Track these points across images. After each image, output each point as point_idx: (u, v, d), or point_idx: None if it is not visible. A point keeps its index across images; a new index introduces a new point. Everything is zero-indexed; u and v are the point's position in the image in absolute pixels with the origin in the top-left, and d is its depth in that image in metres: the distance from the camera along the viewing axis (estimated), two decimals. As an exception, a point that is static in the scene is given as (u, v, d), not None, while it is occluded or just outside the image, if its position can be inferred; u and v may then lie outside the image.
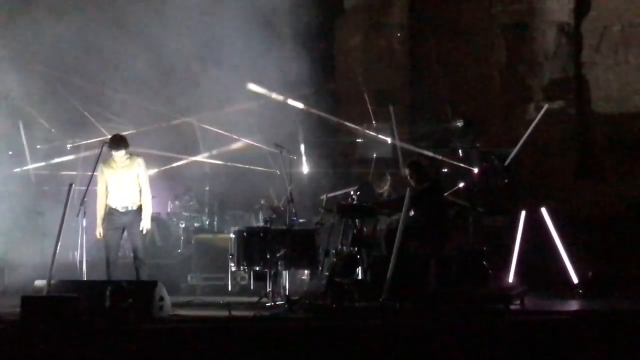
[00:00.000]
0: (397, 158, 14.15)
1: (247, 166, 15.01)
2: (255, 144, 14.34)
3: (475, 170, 13.48)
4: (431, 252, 10.60)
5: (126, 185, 10.58)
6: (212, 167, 14.84)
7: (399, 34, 15.68)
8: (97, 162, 10.58)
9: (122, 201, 10.57)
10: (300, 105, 14.79)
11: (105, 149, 10.60)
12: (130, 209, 10.58)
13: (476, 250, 11.41)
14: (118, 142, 10.58)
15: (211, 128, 14.51)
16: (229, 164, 15.03)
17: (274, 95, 14.65)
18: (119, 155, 10.50)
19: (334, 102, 15.81)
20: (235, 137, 14.75)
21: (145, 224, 10.58)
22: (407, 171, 11.02)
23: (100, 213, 10.57)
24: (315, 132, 15.43)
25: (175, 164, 14.61)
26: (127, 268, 10.88)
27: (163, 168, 14.32)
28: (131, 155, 10.66)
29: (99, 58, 14.33)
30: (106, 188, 10.60)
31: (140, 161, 10.69)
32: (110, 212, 10.59)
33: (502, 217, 13.15)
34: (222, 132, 14.44)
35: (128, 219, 10.56)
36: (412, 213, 10.56)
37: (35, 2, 14.10)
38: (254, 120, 14.73)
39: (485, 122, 14.93)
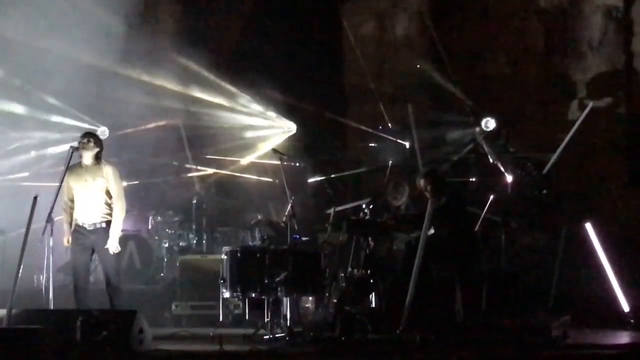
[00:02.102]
0: (417, 165, 14.15)
1: (241, 175, 15.05)
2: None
3: (509, 179, 13.48)
4: (457, 275, 10.60)
5: (92, 196, 10.58)
6: (200, 176, 14.86)
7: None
8: (65, 170, 10.61)
9: (89, 216, 10.57)
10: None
11: (75, 154, 10.62)
12: (98, 226, 10.58)
13: (510, 273, 11.38)
14: (87, 136, 10.68)
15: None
16: (220, 172, 15.07)
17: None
18: (87, 155, 10.54)
19: (342, 100, 15.83)
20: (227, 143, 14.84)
21: (112, 244, 10.53)
22: (422, 182, 11.02)
23: (67, 225, 10.60)
24: (320, 136, 15.46)
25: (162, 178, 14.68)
26: (101, 295, 10.89)
27: (143, 181, 14.37)
28: (101, 161, 10.69)
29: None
30: (72, 201, 10.64)
31: (109, 169, 10.68)
32: (77, 230, 10.60)
33: (540, 234, 13.15)
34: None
35: (96, 238, 10.57)
36: (431, 231, 10.56)
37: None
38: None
39: (519, 122, 14.93)
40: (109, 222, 10.59)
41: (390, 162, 14.06)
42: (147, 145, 14.65)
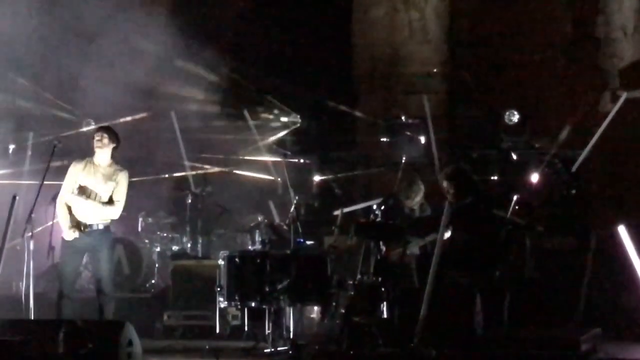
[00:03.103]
0: (433, 162, 14.15)
1: (240, 172, 15.06)
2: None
3: (534, 177, 13.47)
4: (477, 283, 10.60)
5: (97, 196, 10.62)
6: (195, 173, 14.88)
7: None
8: (47, 167, 10.63)
9: (88, 218, 10.61)
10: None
11: (59, 147, 10.64)
12: (96, 227, 10.62)
13: (535, 281, 11.37)
14: (101, 131, 10.69)
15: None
16: (217, 169, 15.08)
17: None
18: (102, 153, 10.55)
19: (351, 90, 15.83)
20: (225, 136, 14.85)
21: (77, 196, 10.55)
22: (445, 183, 11.00)
23: (64, 221, 10.57)
24: (327, 130, 15.47)
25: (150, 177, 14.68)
26: (87, 304, 10.89)
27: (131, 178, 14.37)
28: (116, 164, 10.73)
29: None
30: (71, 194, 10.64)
31: (123, 176, 10.71)
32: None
33: (569, 238, 13.14)
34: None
35: (92, 242, 10.58)
36: (448, 234, 10.56)
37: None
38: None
39: (546, 115, 14.92)
40: (107, 226, 10.66)
41: (404, 158, 14.06)
42: (136, 138, 14.66)
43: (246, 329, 11.59)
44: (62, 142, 11.03)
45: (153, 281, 13.78)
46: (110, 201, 10.61)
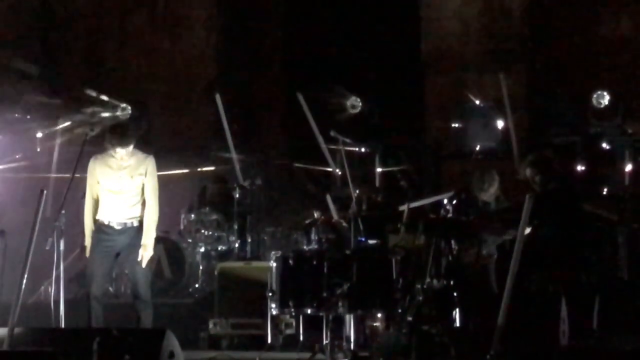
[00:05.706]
0: (511, 150, 14.09)
1: (293, 163, 15.08)
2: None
3: (627, 167, 13.37)
4: (562, 286, 10.55)
5: (127, 193, 10.69)
6: (243, 164, 14.93)
7: None
8: (78, 158, 10.72)
9: (119, 215, 10.68)
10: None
11: (90, 137, 10.75)
12: (129, 225, 10.70)
13: (629, 284, 11.28)
14: (123, 134, 10.68)
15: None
16: (266, 160, 15.12)
17: None
18: (123, 151, 10.60)
19: (419, 69, 15.80)
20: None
21: (147, 252, 10.68)
22: (529, 172, 10.95)
23: (88, 229, 10.71)
24: (392, 114, 15.44)
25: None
26: (123, 311, 10.97)
27: (175, 171, 14.46)
28: (138, 153, 10.78)
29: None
30: (96, 200, 10.72)
31: (151, 163, 10.79)
32: (101, 230, 10.70)
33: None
34: None
35: (126, 240, 10.67)
36: (529, 230, 10.52)
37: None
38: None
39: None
40: (142, 221, 10.71)
41: (478, 146, 14.02)
42: (177, 124, 14.76)
43: (301, 338, 11.63)
44: (95, 130, 11.13)
45: (197, 285, 13.86)
46: (143, 203, 10.70)
